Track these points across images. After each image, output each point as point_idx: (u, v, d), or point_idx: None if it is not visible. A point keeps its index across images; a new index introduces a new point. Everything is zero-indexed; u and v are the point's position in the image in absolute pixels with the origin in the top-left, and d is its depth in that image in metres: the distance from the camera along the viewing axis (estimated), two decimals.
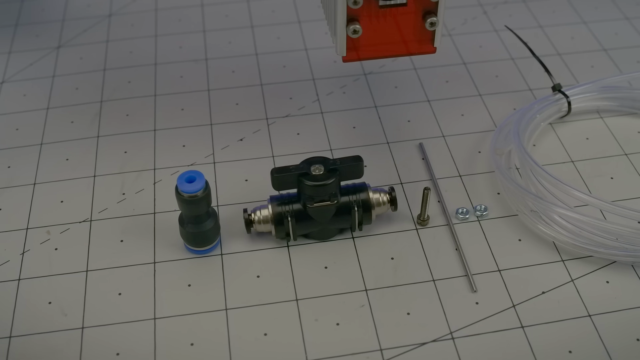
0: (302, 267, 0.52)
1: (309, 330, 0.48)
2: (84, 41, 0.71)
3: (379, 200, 0.53)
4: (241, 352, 0.47)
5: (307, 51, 0.70)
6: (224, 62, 0.68)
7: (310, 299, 0.50)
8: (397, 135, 0.61)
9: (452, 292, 0.50)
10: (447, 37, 0.71)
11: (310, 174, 0.50)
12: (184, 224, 0.51)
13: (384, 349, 0.47)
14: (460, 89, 0.66)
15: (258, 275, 0.51)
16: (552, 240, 0.53)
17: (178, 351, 0.47)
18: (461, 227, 0.54)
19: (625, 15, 0.74)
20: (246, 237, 0.53)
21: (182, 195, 0.49)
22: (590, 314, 0.49)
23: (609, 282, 0.51)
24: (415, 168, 0.59)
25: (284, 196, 0.52)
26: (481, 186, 0.57)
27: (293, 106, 0.64)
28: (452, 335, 0.48)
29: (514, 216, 0.55)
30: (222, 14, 0.74)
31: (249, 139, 0.61)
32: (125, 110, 0.64)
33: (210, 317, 0.49)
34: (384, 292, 0.50)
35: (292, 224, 0.51)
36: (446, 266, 0.52)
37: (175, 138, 0.61)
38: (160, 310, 0.49)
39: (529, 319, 0.49)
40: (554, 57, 0.69)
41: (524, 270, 0.52)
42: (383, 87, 0.66)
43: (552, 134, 0.62)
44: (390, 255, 0.52)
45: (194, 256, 0.52)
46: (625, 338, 0.48)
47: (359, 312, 0.49)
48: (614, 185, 0.57)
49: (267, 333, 0.48)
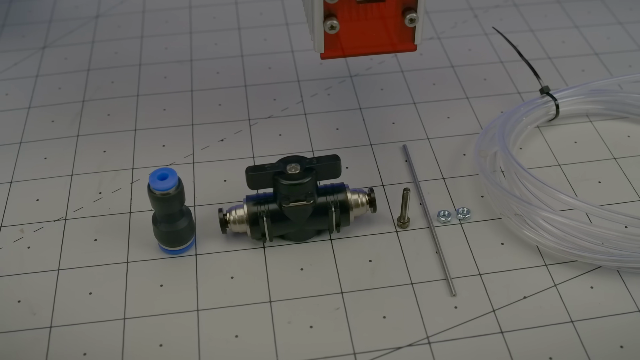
0: (277, 269, 0.50)
1: (282, 332, 0.47)
2: (70, 42, 0.71)
3: (357, 201, 0.52)
4: (211, 353, 0.46)
5: (293, 53, 0.69)
6: (209, 64, 0.68)
7: (284, 301, 0.49)
8: (381, 137, 0.60)
9: (430, 296, 0.49)
10: (436, 40, 0.71)
11: (285, 173, 0.49)
12: (157, 223, 0.50)
13: (358, 352, 0.46)
14: (447, 92, 0.65)
15: (232, 276, 0.50)
16: (535, 244, 0.52)
17: (146, 352, 0.46)
18: (442, 229, 0.53)
19: (618, 20, 0.73)
20: (222, 238, 0.52)
21: (155, 192, 0.48)
22: (572, 319, 0.47)
23: (593, 288, 0.49)
24: (397, 170, 0.57)
25: (260, 196, 0.51)
26: (465, 189, 0.56)
27: (276, 107, 0.63)
28: (428, 340, 0.46)
29: (497, 219, 0.54)
30: (210, 16, 0.74)
31: (230, 139, 0.60)
32: (107, 110, 0.63)
33: (181, 318, 0.48)
34: (360, 295, 0.49)
35: (267, 225, 0.50)
36: (425, 269, 0.50)
37: (155, 138, 0.60)
38: (130, 311, 0.48)
39: (509, 324, 0.47)
40: (544, 61, 0.68)
41: (506, 274, 0.50)
42: (369, 89, 0.65)
43: (539, 137, 0.60)
44: (368, 258, 0.51)
45: (168, 256, 0.51)
46: (608, 345, 0.46)
47: (334, 315, 0.48)
48: (602, 190, 0.56)
49: (238, 335, 0.47)
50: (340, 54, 0.50)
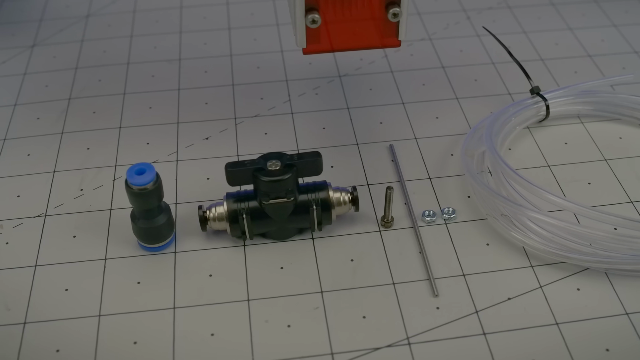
0: (256, 267, 0.50)
1: (258, 331, 0.46)
2: (59, 40, 0.70)
3: (339, 199, 0.51)
4: (185, 352, 0.45)
5: (282, 53, 0.68)
6: (198, 63, 0.67)
7: (262, 300, 0.48)
8: (368, 136, 0.59)
9: (412, 296, 0.48)
10: (427, 41, 0.70)
11: (265, 170, 0.48)
12: (136, 219, 0.49)
13: (335, 353, 0.45)
14: (437, 92, 0.64)
15: (210, 274, 0.49)
16: (522, 245, 0.51)
17: (120, 349, 0.45)
18: (427, 229, 0.52)
19: (613, 22, 0.72)
20: (202, 236, 0.51)
21: (132, 188, 0.47)
22: (557, 322, 0.46)
23: (579, 290, 0.48)
24: (383, 170, 0.56)
25: (241, 193, 0.50)
26: (451, 189, 0.55)
27: (263, 106, 0.63)
28: (408, 341, 0.45)
29: (483, 220, 0.52)
30: (201, 16, 0.74)
31: (215, 137, 0.59)
32: (93, 107, 0.62)
33: (156, 316, 0.47)
34: (340, 294, 0.48)
35: (247, 222, 0.49)
36: (408, 269, 0.49)
37: (139, 136, 0.60)
38: (106, 308, 0.47)
39: (492, 326, 0.46)
40: (536, 62, 0.67)
41: (490, 275, 0.49)
42: (357, 89, 0.64)
43: (529, 138, 0.59)
44: (350, 257, 0.50)
45: (147, 253, 0.50)
46: (594, 348, 0.45)
47: (312, 314, 0.47)
48: (591, 191, 0.55)
49: (214, 333, 0.46)
50: (322, 49, 0.49)
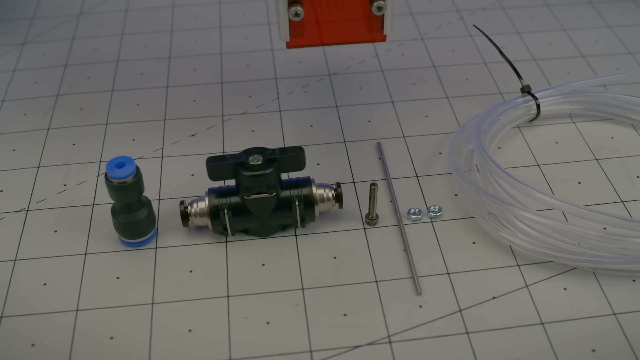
0: (238, 263, 0.49)
1: (237, 328, 0.45)
2: (50, 38, 0.70)
3: (323, 196, 0.50)
4: (161, 347, 0.44)
5: (273, 52, 0.68)
6: (187, 61, 0.67)
7: (242, 296, 0.47)
8: (356, 134, 0.59)
9: (394, 294, 0.47)
10: (419, 41, 0.69)
11: (247, 164, 0.48)
12: (116, 214, 0.49)
13: (314, 350, 0.44)
14: (427, 91, 0.63)
15: (191, 270, 0.48)
16: (508, 244, 0.50)
17: (96, 344, 0.44)
18: (412, 227, 0.51)
19: (608, 23, 0.71)
20: (184, 232, 0.51)
21: (111, 181, 0.47)
22: (543, 321, 0.45)
23: (566, 289, 0.47)
24: (370, 167, 0.56)
25: (223, 189, 0.50)
26: (438, 187, 0.54)
27: (251, 104, 0.62)
28: (389, 339, 0.44)
29: (469, 218, 0.52)
30: (192, 15, 0.73)
31: (202, 134, 0.59)
32: (80, 104, 0.62)
33: (134, 311, 0.46)
34: (322, 291, 0.47)
35: (228, 218, 0.49)
36: (392, 267, 0.48)
37: (126, 132, 0.59)
38: (83, 302, 0.46)
39: (476, 325, 0.45)
40: (528, 62, 0.66)
41: (476, 274, 0.48)
42: (347, 88, 0.63)
43: (519, 137, 0.58)
44: (333, 254, 0.49)
45: (127, 249, 0.50)
46: (579, 348, 0.44)
47: (292, 312, 0.46)
48: (581, 190, 0.54)
49: (192, 329, 0.45)
50: (306, 43, 0.49)
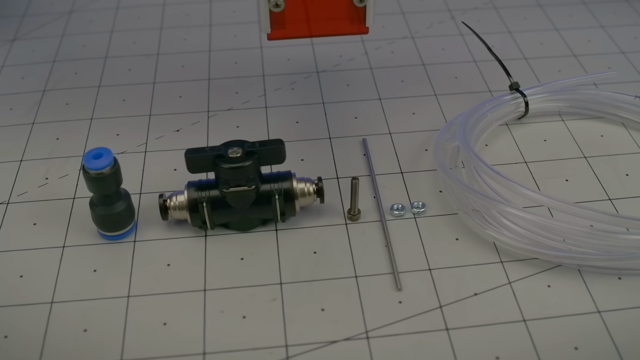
0: (216, 257, 0.48)
1: (212, 322, 0.44)
2: (40, 35, 0.70)
3: (304, 190, 0.49)
4: (135, 340, 0.43)
5: (262, 49, 0.68)
6: (175, 58, 0.67)
7: (219, 290, 0.46)
8: (341, 131, 0.58)
9: (374, 290, 0.46)
10: (409, 39, 0.69)
11: (226, 156, 0.47)
12: (94, 206, 0.48)
13: (290, 345, 0.43)
14: (415, 89, 0.62)
15: (169, 263, 0.48)
16: (492, 240, 0.49)
17: (69, 336, 0.43)
18: (395, 223, 0.50)
19: (601, 23, 0.71)
20: (164, 226, 0.50)
21: (89, 172, 0.46)
22: (525, 318, 0.44)
23: (550, 286, 0.46)
24: (354, 163, 0.55)
25: (203, 182, 0.49)
26: (423, 184, 0.53)
27: (237, 100, 0.62)
28: (367, 335, 0.43)
29: (453, 215, 0.51)
30: (183, 13, 0.73)
31: (186, 130, 0.58)
32: (66, 99, 0.62)
33: (109, 304, 0.45)
34: (300, 286, 0.46)
35: (207, 211, 0.48)
36: (372, 263, 0.48)
37: (110, 127, 0.59)
38: (59, 295, 0.46)
39: (456, 321, 0.44)
40: (519, 61, 0.65)
41: (458, 270, 0.47)
42: (334, 85, 0.63)
43: (507, 134, 0.58)
44: (313, 249, 0.49)
45: (106, 242, 0.49)
46: (561, 346, 0.43)
47: (269, 306, 0.45)
48: (568, 188, 0.53)
49: (166, 323, 0.44)
50: (287, 35, 0.48)
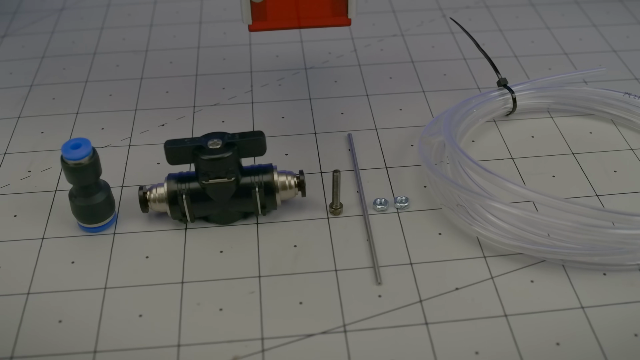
0: (195, 250, 0.48)
1: (188, 314, 0.44)
2: (30, 31, 0.70)
3: (285, 183, 0.49)
4: (110, 332, 0.43)
5: (250, 46, 0.67)
6: (164, 54, 0.66)
7: (196, 283, 0.46)
8: (327, 126, 0.58)
9: (353, 284, 0.45)
10: (399, 37, 0.68)
11: (206, 148, 0.47)
12: (74, 197, 0.48)
13: (266, 338, 0.42)
14: (403, 85, 0.62)
15: (147, 256, 0.47)
16: (476, 235, 0.48)
17: (43, 327, 0.43)
18: (377, 217, 0.50)
19: (593, 22, 0.70)
20: (144, 219, 0.50)
21: (67, 163, 0.46)
22: (506, 313, 0.43)
23: (533, 282, 0.45)
24: (339, 158, 0.54)
25: (183, 174, 0.49)
26: (408, 179, 0.53)
27: (224, 96, 0.61)
28: (344, 328, 0.43)
29: (437, 210, 0.50)
30: (173, 11, 0.73)
31: (171, 124, 0.58)
32: (53, 94, 0.62)
33: (86, 295, 0.45)
34: (279, 279, 0.46)
35: (187, 203, 0.48)
36: (353, 257, 0.47)
37: (95, 121, 0.59)
38: (36, 286, 0.45)
39: (436, 316, 0.43)
40: (509, 59, 0.65)
41: (440, 264, 0.46)
42: (322, 81, 0.63)
43: (494, 130, 0.57)
44: (293, 243, 0.48)
45: (86, 234, 0.49)
46: (543, 341, 0.42)
47: (247, 299, 0.45)
48: (555, 184, 0.52)
49: (142, 314, 0.44)
50: (269, 27, 0.48)
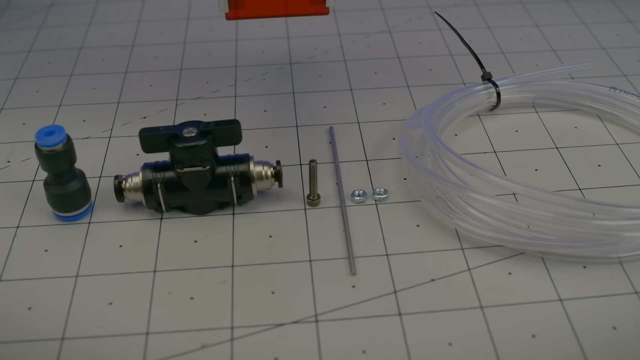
0: (170, 240, 0.47)
1: (159, 302, 0.43)
2: (19, 27, 0.71)
3: (261, 173, 0.48)
4: (79, 319, 0.42)
5: (237, 42, 0.67)
6: (150, 49, 0.66)
7: (169, 272, 0.45)
8: (309, 120, 0.57)
9: (328, 274, 0.44)
10: (386, 34, 0.68)
11: (180, 136, 0.47)
12: (49, 185, 0.48)
13: (236, 327, 0.42)
14: (388, 80, 0.62)
15: (121, 245, 0.47)
16: (454, 227, 0.47)
17: (12, 314, 0.42)
18: (355, 209, 0.49)
19: (582, 20, 0.70)
20: (121, 208, 0.49)
21: (41, 149, 0.46)
22: (482, 305, 0.42)
23: (511, 274, 0.44)
24: (319, 151, 0.54)
25: (159, 164, 0.48)
26: (388, 171, 0.52)
27: (207, 89, 0.61)
28: (316, 318, 0.42)
29: (416, 202, 0.49)
30: (162, 7, 0.73)
31: (153, 117, 0.58)
32: (37, 87, 0.62)
33: (57, 283, 0.44)
34: (252, 269, 0.45)
35: (162, 192, 0.47)
36: (328, 248, 0.46)
37: (78, 114, 0.58)
38: (7, 273, 0.45)
39: (410, 307, 0.42)
40: (496, 55, 0.64)
41: (416, 256, 0.46)
42: (306, 76, 0.62)
43: (478, 125, 0.56)
44: (269, 234, 0.47)
45: (61, 223, 0.49)
46: (519, 333, 0.41)
47: (218, 288, 0.44)
48: (538, 177, 0.51)
49: (112, 302, 0.43)
50: (246, 15, 0.48)
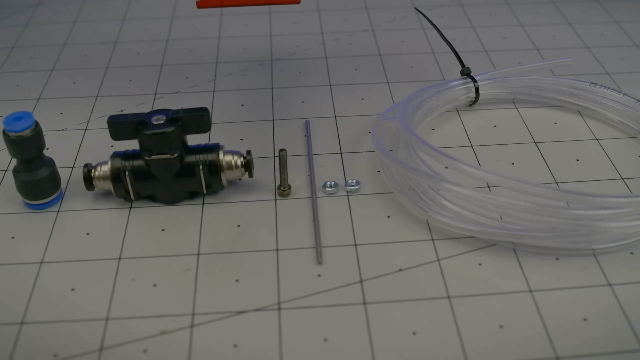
0: (137, 228, 0.47)
1: (121, 289, 0.42)
2: (4, 24, 0.71)
3: (230, 163, 0.48)
4: (39, 305, 0.42)
5: (219, 39, 0.67)
6: (132, 46, 0.66)
7: (133, 259, 0.44)
8: (286, 114, 0.57)
9: (294, 263, 0.44)
10: (369, 32, 0.68)
11: (149, 123, 0.46)
12: (17, 172, 0.47)
13: (197, 313, 0.41)
14: (368, 77, 0.61)
15: (88, 232, 0.46)
16: (425, 218, 0.47)
17: None
18: (326, 200, 0.48)
19: (568, 20, 0.69)
20: (91, 197, 0.49)
21: (9, 135, 0.45)
22: (450, 295, 0.42)
23: (481, 265, 0.44)
24: (294, 144, 0.53)
25: (129, 152, 0.48)
26: (362, 164, 0.51)
27: (186, 84, 0.61)
28: (279, 306, 0.41)
29: (388, 194, 0.49)
30: (147, 6, 0.73)
31: (130, 110, 0.57)
32: (17, 81, 0.62)
33: (20, 270, 0.44)
34: (217, 257, 0.44)
35: (130, 181, 0.47)
36: (296, 237, 0.46)
37: (55, 106, 0.58)
38: None
39: (375, 296, 0.42)
40: (478, 53, 0.64)
41: (385, 246, 0.45)
42: (286, 72, 0.62)
43: (456, 119, 0.56)
44: (237, 223, 0.47)
45: (30, 211, 0.48)
46: (485, 323, 0.40)
47: (182, 276, 0.43)
48: (513, 170, 0.50)
49: (75, 288, 0.43)
50: (217, 4, 0.48)
